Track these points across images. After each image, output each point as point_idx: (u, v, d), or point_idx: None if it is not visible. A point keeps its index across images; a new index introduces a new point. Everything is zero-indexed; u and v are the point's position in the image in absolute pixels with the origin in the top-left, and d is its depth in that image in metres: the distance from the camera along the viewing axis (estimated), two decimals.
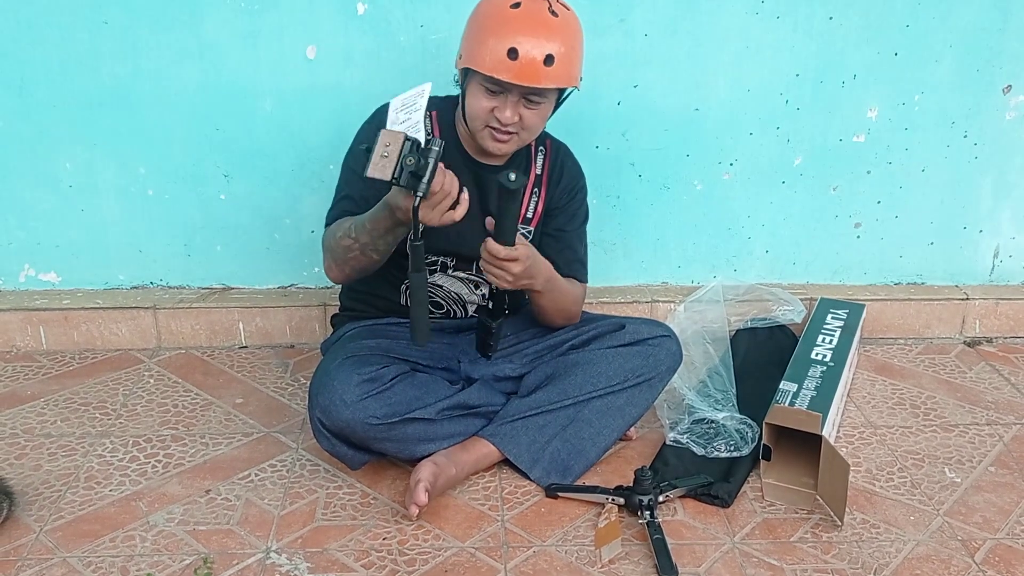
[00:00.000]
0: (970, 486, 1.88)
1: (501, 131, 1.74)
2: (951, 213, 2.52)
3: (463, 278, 1.94)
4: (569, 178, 1.96)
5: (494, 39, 1.66)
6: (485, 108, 1.72)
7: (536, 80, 1.67)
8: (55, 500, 1.78)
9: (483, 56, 1.67)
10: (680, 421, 2.00)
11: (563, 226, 1.95)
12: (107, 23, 2.20)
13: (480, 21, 1.71)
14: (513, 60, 1.65)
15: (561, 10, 1.72)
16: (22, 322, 2.36)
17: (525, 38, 1.65)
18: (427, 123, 1.87)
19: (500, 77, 1.67)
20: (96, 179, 2.34)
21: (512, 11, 1.68)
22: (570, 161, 1.98)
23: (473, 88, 1.73)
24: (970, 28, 2.33)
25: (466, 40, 1.73)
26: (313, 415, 1.74)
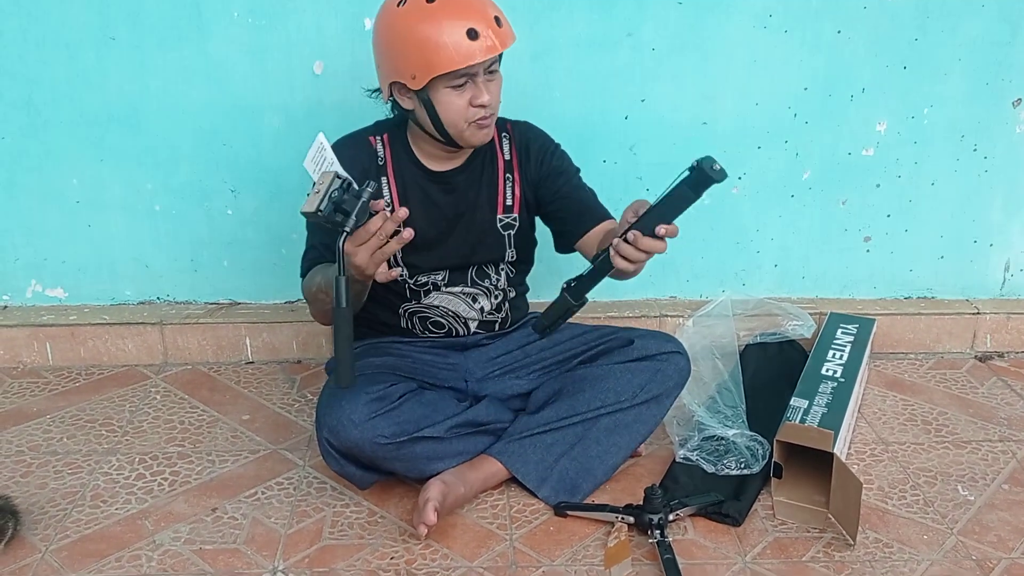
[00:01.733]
0: (984, 504, 1.86)
1: (483, 117, 1.73)
2: (961, 227, 2.51)
3: (458, 293, 1.93)
4: (537, 147, 1.93)
5: (446, 35, 1.63)
6: (463, 106, 1.71)
7: (502, 45, 1.68)
8: (61, 519, 1.77)
9: (445, 57, 1.64)
10: (690, 438, 1.98)
11: (561, 185, 1.92)
12: (114, 40, 2.20)
13: (415, 34, 1.65)
14: (476, 40, 1.64)
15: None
16: (28, 338, 2.36)
17: (468, 17, 1.64)
18: (380, 148, 1.87)
19: (475, 61, 1.65)
20: (103, 195, 2.34)
21: (432, 6, 1.65)
22: (532, 132, 1.95)
23: (440, 96, 1.70)
24: (979, 42, 2.32)
25: (410, 59, 1.67)
26: (321, 436, 1.73)
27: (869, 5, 2.27)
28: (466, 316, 1.95)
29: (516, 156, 1.93)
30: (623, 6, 2.24)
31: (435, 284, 1.91)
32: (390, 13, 1.70)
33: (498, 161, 1.92)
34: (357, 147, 1.85)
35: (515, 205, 1.93)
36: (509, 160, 1.92)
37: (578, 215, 1.89)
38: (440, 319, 1.95)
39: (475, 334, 1.97)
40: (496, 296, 1.96)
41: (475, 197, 1.90)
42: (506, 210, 1.92)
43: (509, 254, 1.95)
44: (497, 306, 1.97)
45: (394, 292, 1.90)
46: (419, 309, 1.93)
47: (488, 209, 1.91)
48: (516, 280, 2.01)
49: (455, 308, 1.94)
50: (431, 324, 1.95)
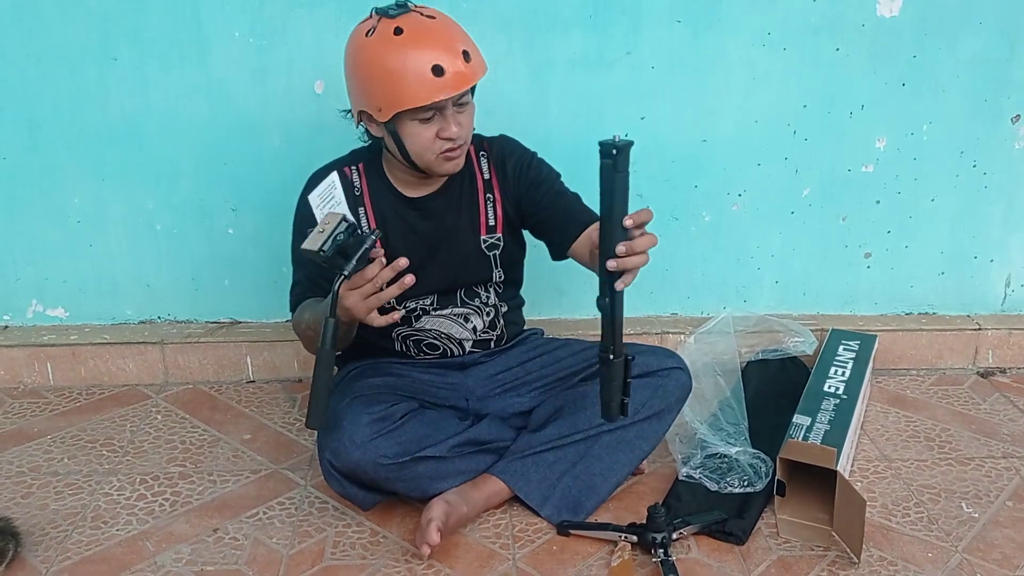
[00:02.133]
0: (988, 521, 1.85)
1: (452, 149, 1.72)
2: (961, 243, 2.51)
3: (448, 315, 1.92)
4: (514, 162, 1.90)
5: (410, 71, 1.62)
6: (430, 138, 1.70)
7: (469, 80, 1.66)
8: (62, 540, 1.76)
9: (410, 91, 1.63)
10: (693, 456, 1.98)
11: (540, 197, 1.87)
12: (116, 59, 2.21)
13: (381, 67, 1.64)
14: (440, 76, 1.62)
15: (432, 13, 1.69)
16: (29, 358, 2.35)
17: (435, 51, 1.62)
18: (355, 178, 1.86)
19: (440, 98, 1.63)
20: (104, 214, 2.34)
21: (400, 39, 1.63)
22: (508, 147, 1.92)
23: (407, 128, 1.69)
24: (977, 58, 2.33)
25: (376, 91, 1.66)
26: (323, 457, 1.72)
27: (867, 22, 2.28)
28: (460, 337, 1.94)
29: (495, 174, 1.90)
30: (620, 25, 2.24)
31: (424, 309, 1.91)
32: (359, 42, 1.69)
33: (477, 181, 1.90)
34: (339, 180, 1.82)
35: (498, 225, 1.90)
36: (488, 179, 1.90)
37: (562, 224, 1.86)
38: (434, 341, 1.94)
39: (471, 353, 1.97)
40: (488, 313, 1.95)
41: (455, 220, 1.88)
42: (489, 231, 1.90)
43: (496, 274, 1.93)
44: (491, 323, 1.97)
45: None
46: (412, 333, 1.92)
47: (470, 231, 1.89)
48: (507, 295, 1.99)
49: (447, 330, 1.93)
50: (425, 346, 1.94)
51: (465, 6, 2.19)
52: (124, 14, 2.18)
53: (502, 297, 1.97)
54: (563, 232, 1.86)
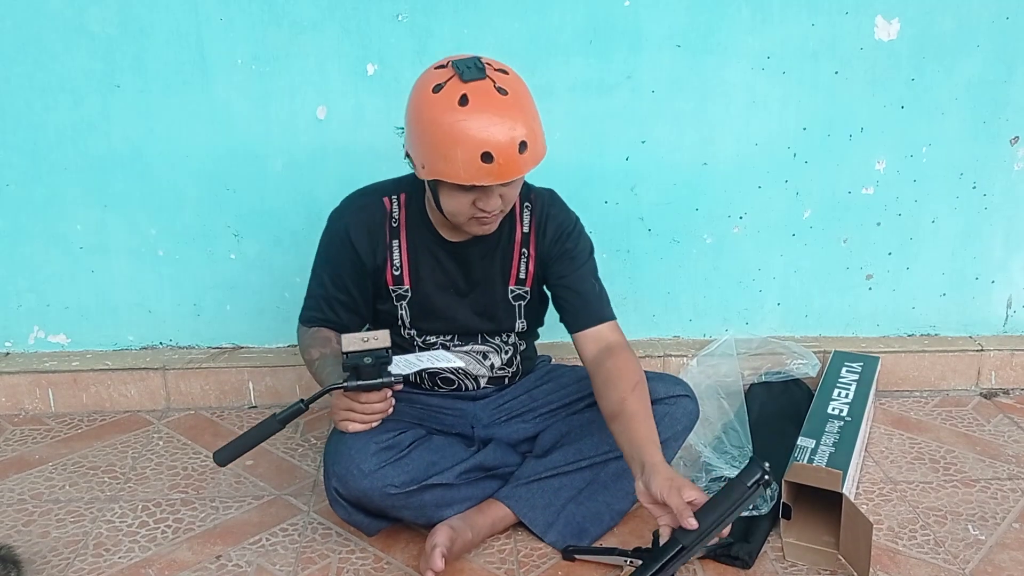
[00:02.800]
0: (995, 543, 1.84)
1: (487, 217, 1.67)
2: (963, 264, 2.51)
3: (467, 351, 1.90)
4: (555, 226, 1.84)
5: (460, 150, 1.54)
6: (466, 204, 1.64)
7: (517, 172, 1.59)
8: (63, 568, 1.75)
9: (454, 168, 1.56)
10: (697, 479, 1.97)
11: (566, 272, 1.84)
12: (119, 87, 2.22)
13: (431, 130, 1.57)
14: (489, 164, 1.55)
15: (506, 81, 1.59)
16: (31, 384, 2.35)
17: (492, 137, 1.54)
18: (395, 209, 1.81)
19: (481, 183, 1.58)
20: (107, 240, 2.35)
21: (463, 110, 1.54)
22: (555, 208, 1.86)
23: (445, 189, 1.63)
24: (975, 81, 2.35)
25: (421, 149, 1.60)
26: (329, 484, 1.71)
27: (866, 46, 2.30)
28: (476, 373, 1.92)
29: (535, 230, 1.84)
30: (621, 49, 2.26)
31: (444, 344, 1.88)
32: (423, 94, 1.59)
33: (516, 233, 1.83)
34: (372, 212, 1.80)
35: (528, 279, 1.86)
36: (527, 233, 1.84)
37: (575, 311, 1.82)
38: (450, 375, 1.92)
39: (484, 388, 1.95)
40: (507, 352, 1.93)
41: (488, 269, 1.83)
42: (519, 283, 1.86)
43: (520, 324, 1.90)
44: (508, 361, 1.94)
45: (403, 349, 1.87)
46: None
47: (500, 281, 1.85)
48: (528, 335, 1.96)
49: (465, 366, 1.90)
50: (440, 380, 1.93)
51: (466, 31, 2.21)
52: (127, 42, 2.19)
53: (522, 336, 1.95)
54: (573, 318, 1.82)
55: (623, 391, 1.69)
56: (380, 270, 1.81)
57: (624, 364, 1.75)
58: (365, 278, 1.81)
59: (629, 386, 1.70)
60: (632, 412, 1.66)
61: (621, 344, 1.80)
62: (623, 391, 1.69)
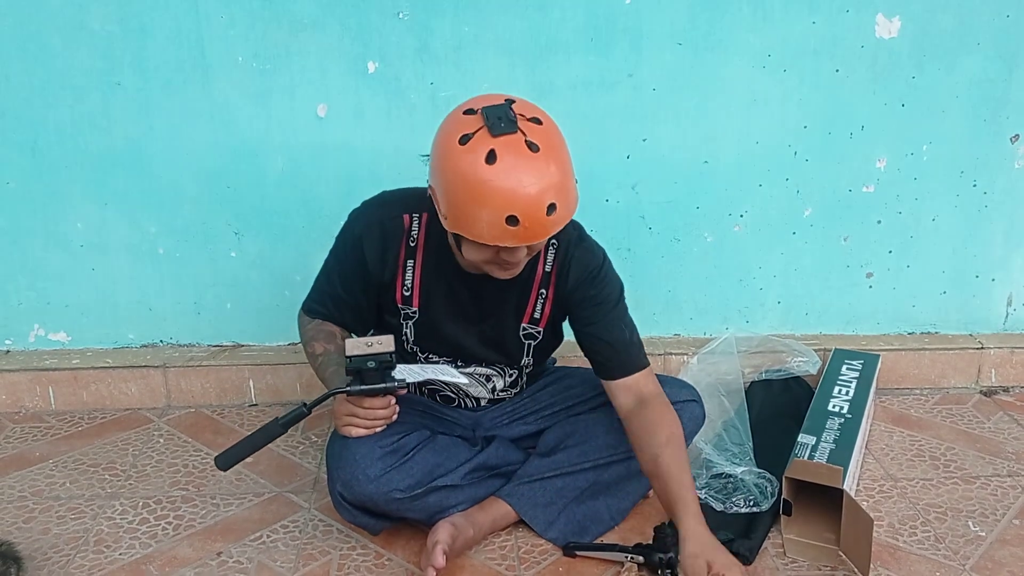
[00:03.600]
0: (995, 540, 1.84)
1: (509, 265, 1.60)
2: (963, 262, 2.52)
3: (470, 373, 1.88)
4: (579, 269, 1.75)
5: (486, 211, 1.46)
6: (488, 255, 1.57)
7: (544, 234, 1.51)
8: (64, 565, 1.75)
9: (479, 229, 1.49)
10: (698, 476, 1.97)
11: (594, 319, 1.76)
12: (120, 84, 2.22)
13: (457, 186, 1.48)
14: (515, 227, 1.47)
15: (538, 134, 1.49)
16: (31, 382, 2.35)
17: (519, 200, 1.45)
18: (415, 229, 1.73)
19: (506, 245, 1.51)
20: (107, 238, 2.35)
21: (490, 169, 1.44)
22: (580, 249, 1.75)
23: (468, 241, 1.55)
24: (976, 79, 2.35)
25: (446, 202, 1.51)
26: (334, 488, 1.70)
27: (867, 44, 2.30)
28: (477, 395, 1.91)
29: (556, 271, 1.76)
30: (622, 47, 2.26)
31: (447, 363, 1.86)
32: (450, 143, 1.49)
33: (538, 271, 1.76)
34: (389, 227, 1.73)
35: (542, 319, 1.80)
36: (548, 273, 1.76)
37: (606, 363, 1.75)
38: (451, 394, 1.92)
39: (484, 406, 1.94)
40: (511, 375, 1.91)
41: (502, 304, 1.78)
42: (532, 322, 1.80)
43: (526, 361, 1.86)
44: (512, 382, 1.93)
45: (405, 362, 1.84)
46: (429, 382, 1.90)
47: (513, 317, 1.79)
48: (537, 358, 1.90)
49: (466, 387, 1.89)
50: (440, 397, 1.92)
51: (467, 30, 2.21)
52: (128, 40, 2.19)
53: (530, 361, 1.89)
54: (606, 370, 1.76)
55: (657, 447, 1.67)
56: (389, 286, 1.76)
57: (658, 417, 1.71)
58: (371, 289, 1.76)
59: (663, 441, 1.67)
60: (666, 469, 1.65)
61: (655, 394, 1.75)
62: (657, 447, 1.67)
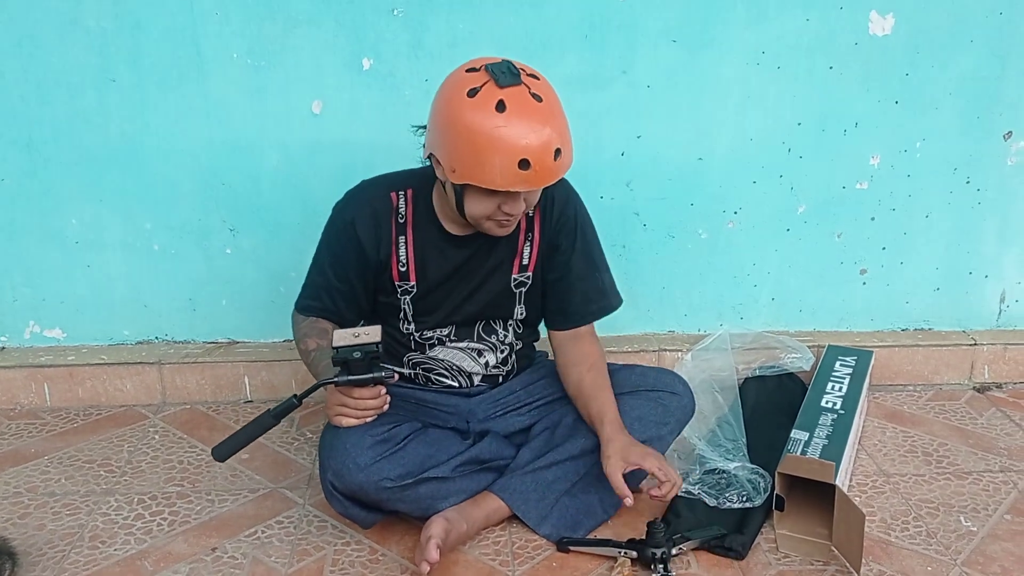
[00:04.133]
0: (987, 535, 1.85)
1: (508, 219, 1.68)
2: (956, 259, 2.52)
3: (464, 348, 1.90)
4: (559, 208, 1.84)
5: (499, 156, 1.54)
6: (491, 207, 1.64)
7: (551, 178, 1.60)
8: (59, 560, 1.75)
9: (492, 175, 1.56)
10: (691, 472, 1.98)
11: (571, 261, 1.86)
12: (115, 81, 2.22)
13: (468, 136, 1.55)
14: (527, 171, 1.55)
15: (540, 87, 1.60)
16: (26, 379, 2.35)
17: (530, 144, 1.54)
18: (401, 205, 1.79)
19: (518, 189, 1.59)
20: (102, 235, 2.35)
21: (501, 116, 1.53)
22: (559, 191, 1.84)
23: (472, 193, 1.63)
24: (969, 76, 2.35)
25: (455, 154, 1.58)
26: (325, 478, 1.71)
27: (860, 41, 2.30)
28: (470, 371, 1.92)
29: (539, 212, 1.84)
30: (616, 45, 2.27)
31: (440, 339, 1.89)
32: (458, 99, 1.57)
33: (521, 223, 1.83)
34: (378, 206, 1.78)
35: (531, 264, 1.86)
36: (532, 217, 1.84)
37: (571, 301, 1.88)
38: (444, 372, 1.93)
39: (478, 386, 1.95)
40: (502, 351, 1.93)
41: (493, 259, 1.83)
42: (522, 269, 1.86)
43: (519, 311, 1.90)
44: (503, 360, 1.94)
45: (399, 343, 1.89)
46: (423, 360, 1.91)
47: (505, 269, 1.85)
48: (524, 334, 1.96)
49: (459, 363, 1.91)
50: (434, 376, 1.93)
51: (462, 26, 2.21)
52: (123, 36, 2.19)
53: (520, 336, 1.95)
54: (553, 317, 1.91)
55: (582, 372, 1.85)
56: (384, 265, 1.80)
57: (587, 348, 1.89)
58: (368, 271, 1.80)
59: (587, 368, 1.85)
60: (588, 390, 1.82)
61: (589, 331, 1.92)
62: (582, 372, 1.85)
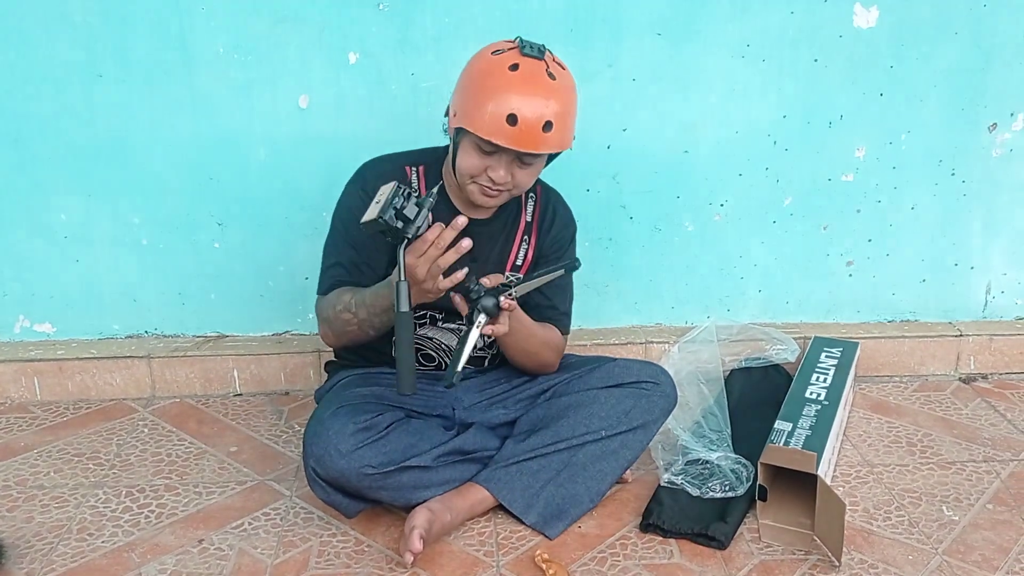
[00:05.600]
0: (968, 524, 1.87)
1: (491, 188, 1.74)
2: (942, 250, 2.54)
3: (453, 329, 1.93)
4: (560, 227, 1.95)
5: (493, 103, 1.64)
6: (477, 166, 1.71)
7: (534, 146, 1.67)
8: (47, 552, 1.76)
9: (481, 119, 1.65)
10: (675, 462, 1.99)
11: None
12: (101, 76, 2.23)
13: (477, 81, 1.68)
14: (512, 126, 1.63)
15: (559, 71, 1.70)
16: (16, 373, 2.36)
17: (524, 103, 1.63)
18: (415, 180, 1.87)
19: (498, 142, 1.65)
20: (91, 229, 2.36)
21: (510, 73, 1.65)
22: (561, 208, 1.97)
23: (466, 145, 1.71)
24: (953, 68, 2.37)
25: (461, 98, 1.71)
26: (307, 464, 1.73)
27: (845, 33, 2.31)
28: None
29: (537, 221, 1.93)
30: (601, 38, 2.27)
31: (432, 318, 1.92)
32: (483, 53, 1.72)
33: (520, 221, 1.92)
34: (395, 177, 1.76)
35: (523, 267, 1.92)
36: (530, 222, 1.93)
37: (534, 304, 1.89)
38: (431, 352, 1.95)
39: (465, 368, 1.96)
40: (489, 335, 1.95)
41: (489, 251, 1.89)
42: (514, 269, 1.92)
43: None
44: (489, 343, 1.98)
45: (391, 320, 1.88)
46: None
47: (497, 264, 1.90)
48: None
49: (448, 342, 1.94)
50: (421, 356, 1.95)
51: (447, 20, 2.22)
52: (109, 31, 2.20)
53: None
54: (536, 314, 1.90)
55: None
56: None
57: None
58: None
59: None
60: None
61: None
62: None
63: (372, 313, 1.73)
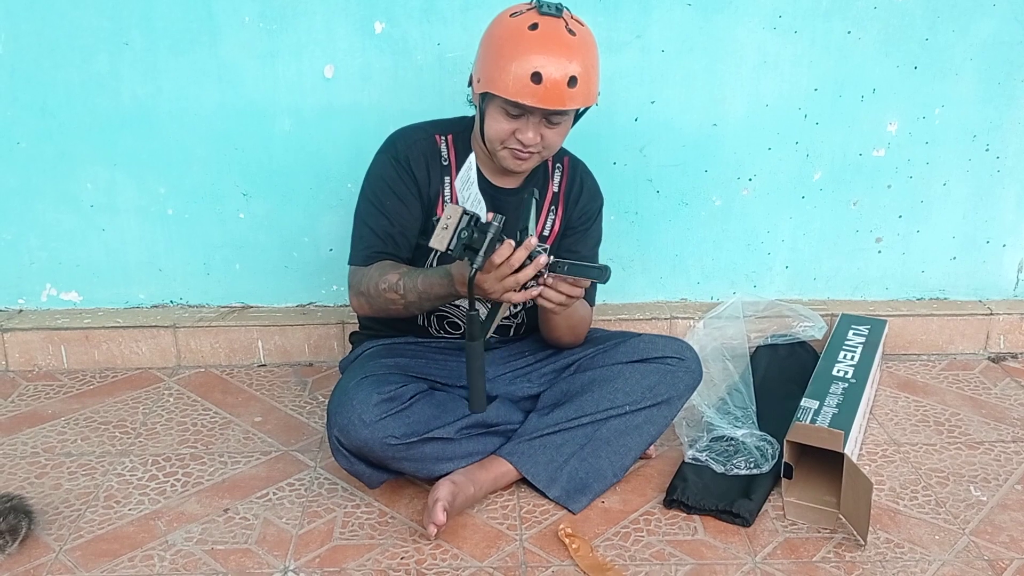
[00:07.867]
0: (996, 504, 1.85)
1: (522, 151, 1.74)
2: (974, 227, 2.50)
3: (478, 297, 1.92)
4: (588, 198, 1.94)
5: (515, 64, 1.64)
6: (506, 130, 1.72)
7: (560, 103, 1.66)
8: (75, 519, 1.78)
9: (505, 81, 1.65)
10: (699, 438, 1.98)
11: (575, 247, 1.93)
12: (128, 45, 2.22)
13: (497, 44, 1.69)
14: (537, 84, 1.64)
15: (578, 27, 1.70)
16: (43, 341, 2.38)
17: (547, 61, 1.64)
18: (444, 148, 1.86)
19: (524, 102, 1.65)
20: (117, 199, 2.36)
21: (530, 33, 1.65)
22: (589, 180, 1.96)
23: (493, 111, 1.72)
24: (990, 41, 2.31)
25: (483, 63, 1.71)
26: (331, 434, 1.73)
27: (879, 5, 2.27)
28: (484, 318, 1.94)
29: (564, 191, 1.93)
30: (630, 8, 2.24)
31: None
32: (501, 17, 1.72)
33: (548, 191, 1.92)
34: (427, 146, 1.85)
35: (551, 236, 1.93)
36: (557, 192, 1.93)
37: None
38: (458, 320, 1.94)
39: (491, 337, 1.96)
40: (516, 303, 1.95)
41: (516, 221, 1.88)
42: (541, 239, 1.91)
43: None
44: (515, 313, 1.98)
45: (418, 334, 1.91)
46: (438, 308, 1.92)
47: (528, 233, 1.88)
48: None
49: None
50: (448, 324, 1.95)
51: None
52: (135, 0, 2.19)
53: None
54: None
55: None
56: (432, 203, 1.85)
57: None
58: (419, 206, 1.84)
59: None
60: None
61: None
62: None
63: (423, 299, 1.73)
